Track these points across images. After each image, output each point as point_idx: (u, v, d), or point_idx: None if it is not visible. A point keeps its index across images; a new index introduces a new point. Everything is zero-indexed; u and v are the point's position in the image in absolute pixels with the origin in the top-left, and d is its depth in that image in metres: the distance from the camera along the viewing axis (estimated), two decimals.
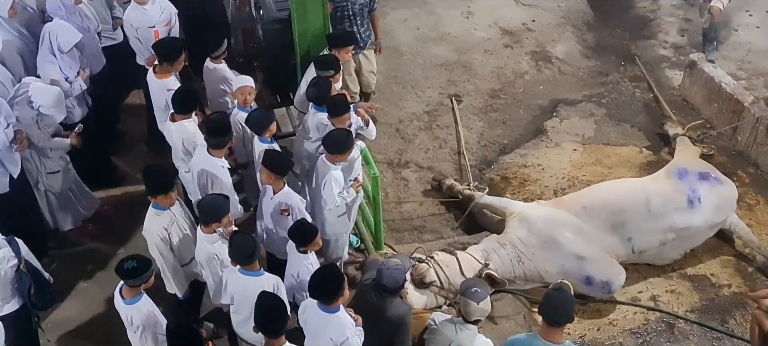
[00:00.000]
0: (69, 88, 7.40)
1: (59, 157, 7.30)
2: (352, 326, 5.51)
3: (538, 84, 10.26)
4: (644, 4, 11.90)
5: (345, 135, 6.51)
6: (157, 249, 6.14)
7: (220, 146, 6.47)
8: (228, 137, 6.56)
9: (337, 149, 6.48)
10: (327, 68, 7.23)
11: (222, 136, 6.47)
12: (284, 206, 6.37)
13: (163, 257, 6.17)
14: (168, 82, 7.17)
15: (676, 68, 10.41)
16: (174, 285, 6.33)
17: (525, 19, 11.37)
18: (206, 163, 6.46)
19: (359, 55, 8.66)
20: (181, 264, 6.32)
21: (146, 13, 7.97)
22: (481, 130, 9.50)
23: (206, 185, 6.46)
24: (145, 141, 8.68)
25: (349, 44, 7.63)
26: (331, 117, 6.85)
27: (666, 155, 8.91)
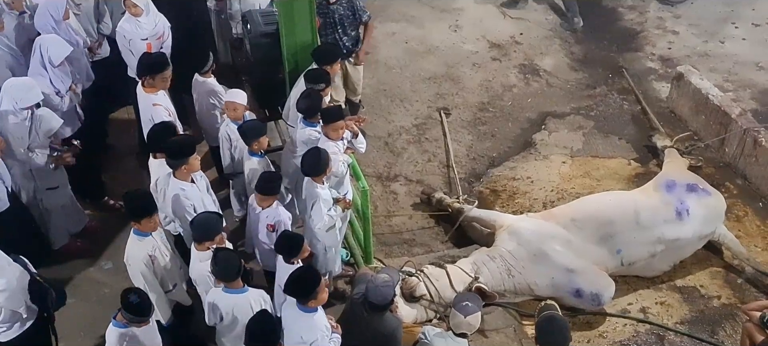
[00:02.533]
0: (59, 102, 7.37)
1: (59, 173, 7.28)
2: (325, 329, 5.54)
3: (527, 97, 10.28)
4: (631, 16, 11.97)
5: (318, 154, 6.43)
6: (142, 276, 5.98)
7: (178, 168, 6.37)
8: (181, 161, 6.35)
9: (315, 171, 6.45)
10: (318, 81, 7.22)
11: (177, 158, 6.36)
12: (271, 222, 6.35)
13: (147, 283, 6.01)
14: (155, 97, 7.14)
15: (664, 80, 10.46)
16: (159, 312, 6.16)
17: (513, 32, 11.41)
18: (173, 186, 6.39)
19: (346, 64, 8.68)
20: (164, 291, 6.18)
21: (140, 25, 7.95)
22: (470, 144, 9.51)
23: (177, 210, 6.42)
24: (136, 154, 8.63)
25: (334, 60, 7.61)
26: (324, 124, 6.85)
27: (654, 167, 8.93)
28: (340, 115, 6.91)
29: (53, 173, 7.24)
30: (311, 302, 5.51)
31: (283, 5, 7.55)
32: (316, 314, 5.53)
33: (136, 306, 5.30)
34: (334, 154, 6.75)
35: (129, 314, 5.32)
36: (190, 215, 6.32)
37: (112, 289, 7.40)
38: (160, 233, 6.18)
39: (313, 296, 5.48)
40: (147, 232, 5.99)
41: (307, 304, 5.49)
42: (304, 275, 5.61)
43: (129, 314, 5.32)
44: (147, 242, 6.00)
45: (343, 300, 7.01)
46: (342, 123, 6.91)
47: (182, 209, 6.38)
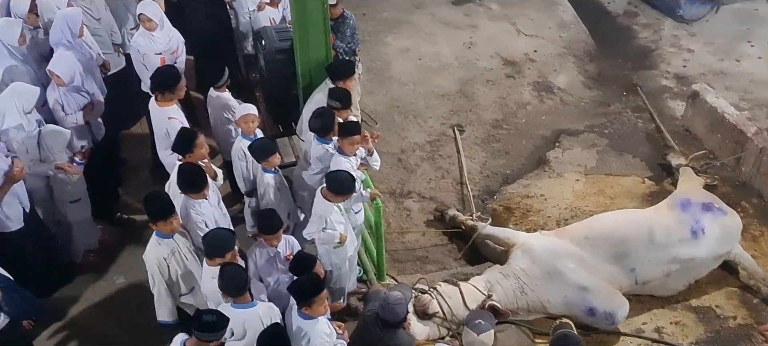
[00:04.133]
0: (63, 118, 7.39)
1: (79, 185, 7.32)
2: (327, 336, 5.59)
3: (541, 114, 10.26)
4: (646, 34, 11.94)
5: (349, 180, 6.46)
6: (151, 275, 6.12)
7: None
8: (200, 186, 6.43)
9: (337, 190, 6.46)
10: (340, 100, 7.20)
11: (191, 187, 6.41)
12: (288, 252, 6.37)
13: (155, 283, 6.15)
14: (169, 110, 7.16)
15: (679, 99, 10.41)
16: (158, 311, 6.28)
17: (527, 49, 11.40)
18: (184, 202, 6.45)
19: None
20: (181, 293, 6.28)
21: (154, 39, 8.02)
22: (484, 161, 9.49)
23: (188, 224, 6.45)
24: (149, 169, 8.65)
25: (349, 75, 7.62)
26: (341, 137, 6.85)
27: (669, 186, 8.88)
28: (358, 130, 6.91)
29: (74, 185, 7.28)
30: (306, 308, 5.55)
31: (297, 21, 7.58)
32: (318, 321, 5.57)
33: (211, 325, 5.30)
34: (348, 171, 6.74)
35: (203, 333, 5.32)
36: (202, 230, 6.34)
37: (123, 303, 7.44)
38: (181, 237, 6.23)
39: (308, 303, 5.52)
40: (168, 234, 6.08)
41: (304, 310, 5.54)
42: (307, 281, 5.69)
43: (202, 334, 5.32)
44: (166, 245, 6.11)
45: (356, 317, 6.98)
46: (358, 138, 6.91)
47: (194, 224, 6.39)
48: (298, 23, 7.59)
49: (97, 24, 8.49)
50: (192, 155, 6.57)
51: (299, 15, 7.52)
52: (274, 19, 9.28)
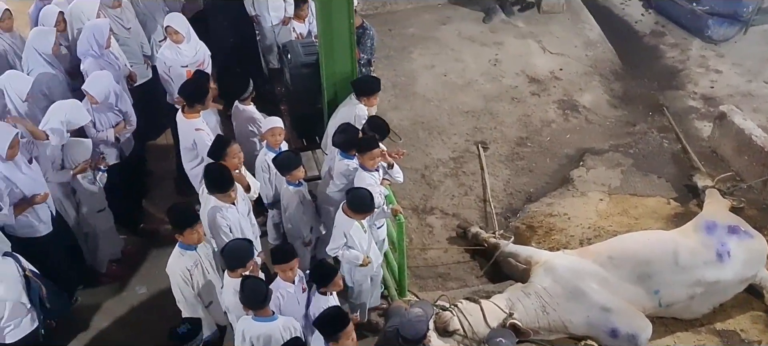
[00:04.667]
0: (95, 135, 7.47)
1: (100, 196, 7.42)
2: None
3: (565, 133, 10.22)
4: (673, 54, 11.86)
5: (368, 198, 6.47)
6: (179, 289, 6.15)
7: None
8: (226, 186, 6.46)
9: (356, 208, 6.49)
10: (378, 132, 7.21)
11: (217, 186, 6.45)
12: (303, 284, 6.33)
13: (184, 297, 6.18)
14: (195, 122, 7.22)
15: (705, 119, 10.33)
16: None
17: (552, 67, 11.37)
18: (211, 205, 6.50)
19: None
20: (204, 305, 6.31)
21: (180, 52, 8.09)
22: (507, 178, 9.46)
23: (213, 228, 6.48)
24: (174, 180, 8.71)
25: (374, 91, 7.64)
26: (360, 154, 6.87)
27: (694, 207, 8.79)
28: (375, 144, 6.92)
29: (99, 195, 7.36)
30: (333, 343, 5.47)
31: (324, 36, 7.61)
32: None
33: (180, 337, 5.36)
34: (371, 186, 6.76)
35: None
36: (226, 235, 6.38)
37: (145, 313, 7.49)
38: (205, 248, 6.27)
39: (335, 338, 5.44)
40: (191, 245, 6.12)
41: (337, 343, 5.45)
42: (334, 314, 5.59)
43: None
44: (189, 256, 6.14)
45: (377, 333, 6.97)
46: (377, 152, 6.92)
47: (218, 228, 6.42)
48: (324, 37, 7.63)
49: (127, 34, 8.61)
50: (224, 163, 6.63)
51: (325, 29, 7.55)
52: (301, 33, 9.33)
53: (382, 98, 10.28)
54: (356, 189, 6.57)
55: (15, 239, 6.58)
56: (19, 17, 8.52)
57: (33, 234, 6.79)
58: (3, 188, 6.44)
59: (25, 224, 6.70)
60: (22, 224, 6.67)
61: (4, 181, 6.47)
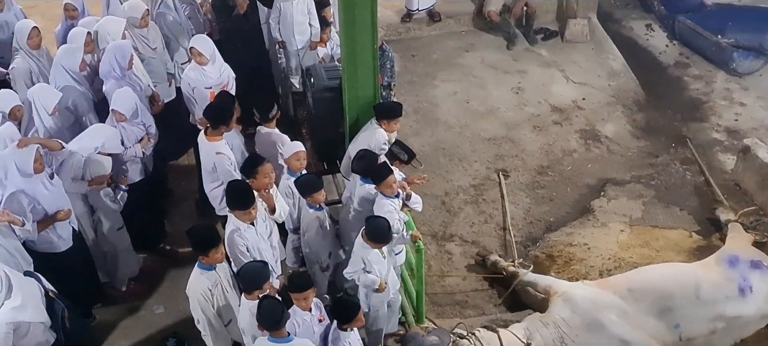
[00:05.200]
0: (124, 152, 7.54)
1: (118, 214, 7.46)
2: None
3: (587, 162, 10.18)
4: (697, 86, 11.80)
5: (386, 229, 6.48)
6: (201, 308, 6.18)
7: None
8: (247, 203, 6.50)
9: (374, 238, 6.49)
10: (404, 152, 7.31)
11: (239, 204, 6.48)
12: (321, 314, 6.33)
13: (206, 317, 6.21)
14: (217, 145, 7.25)
15: (729, 152, 10.25)
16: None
17: (575, 96, 11.34)
18: (230, 224, 6.54)
19: None
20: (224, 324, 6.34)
21: (205, 73, 8.14)
22: (528, 207, 9.43)
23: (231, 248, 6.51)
24: (195, 201, 8.75)
25: (396, 116, 7.66)
26: (376, 184, 6.87)
27: (717, 241, 8.71)
28: (389, 172, 6.91)
29: (116, 214, 7.42)
30: None
31: (347, 59, 7.64)
32: None
33: None
34: (390, 213, 6.76)
35: None
36: (244, 255, 6.39)
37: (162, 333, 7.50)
38: (224, 269, 6.29)
39: None
40: (211, 266, 6.15)
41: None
42: (346, 303, 5.82)
43: None
44: (209, 276, 6.16)
45: None
46: (393, 178, 6.92)
47: (236, 247, 6.44)
48: (348, 61, 7.66)
49: (152, 54, 8.69)
50: (255, 181, 6.68)
51: (349, 53, 7.58)
52: (323, 57, 9.39)
53: (404, 123, 10.28)
54: (375, 218, 6.57)
55: (34, 254, 6.63)
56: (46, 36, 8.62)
57: (52, 249, 6.84)
58: (26, 204, 6.50)
59: (45, 239, 6.75)
60: (43, 239, 6.72)
61: (27, 197, 6.54)
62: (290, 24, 9.33)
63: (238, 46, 9.20)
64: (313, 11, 9.36)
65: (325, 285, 7.32)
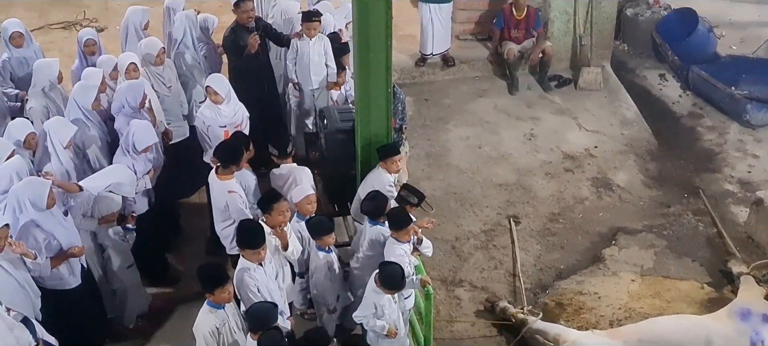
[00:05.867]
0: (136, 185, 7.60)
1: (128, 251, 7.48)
2: None
3: (598, 211, 10.15)
4: (711, 137, 11.78)
5: (399, 276, 6.47)
6: None
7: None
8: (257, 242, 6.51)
9: (387, 284, 6.49)
10: (414, 193, 7.35)
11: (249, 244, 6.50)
12: None
13: None
14: (229, 184, 7.29)
15: (742, 204, 10.20)
16: None
17: (588, 144, 11.34)
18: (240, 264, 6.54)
19: None
20: None
21: (220, 112, 8.22)
22: (538, 254, 9.39)
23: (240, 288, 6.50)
24: (205, 240, 8.76)
25: (392, 155, 7.70)
26: (393, 230, 6.88)
27: (729, 294, 8.62)
28: (409, 220, 6.93)
29: (126, 252, 7.44)
30: None
31: (361, 102, 7.69)
32: None
33: None
34: (401, 257, 6.76)
35: None
36: (254, 295, 6.38)
37: None
38: (232, 309, 6.27)
39: None
40: (220, 304, 6.12)
41: None
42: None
43: None
44: (217, 315, 6.13)
45: None
46: (411, 227, 6.93)
47: (246, 288, 6.43)
48: (361, 104, 7.70)
49: (167, 92, 8.79)
50: (270, 217, 6.73)
51: (362, 96, 7.63)
52: (337, 100, 9.45)
53: (416, 167, 10.36)
54: (389, 264, 6.55)
55: (42, 290, 6.63)
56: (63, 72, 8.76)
57: (62, 286, 6.84)
58: (41, 239, 6.54)
59: (56, 276, 6.76)
60: (53, 275, 6.73)
61: (43, 232, 6.56)
62: (307, 64, 9.41)
63: (249, 85, 9.28)
64: (330, 52, 9.45)
65: (332, 327, 7.30)
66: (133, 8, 9.60)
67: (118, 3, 14.34)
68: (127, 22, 9.44)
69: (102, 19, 13.95)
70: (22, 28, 9.20)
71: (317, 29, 9.33)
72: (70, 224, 6.83)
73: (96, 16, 14.05)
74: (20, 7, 14.36)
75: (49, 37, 13.28)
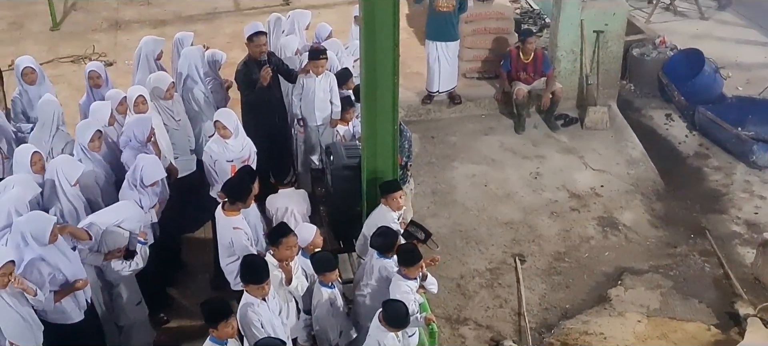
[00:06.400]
0: None
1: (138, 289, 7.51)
2: None
3: (604, 250, 10.11)
4: (717, 177, 11.77)
5: (404, 314, 6.45)
6: None
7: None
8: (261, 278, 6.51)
9: (391, 323, 6.44)
10: (421, 229, 7.38)
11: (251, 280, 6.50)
12: None
13: None
14: (234, 220, 7.28)
15: (749, 246, 10.16)
16: None
17: (594, 183, 11.34)
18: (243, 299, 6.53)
19: None
20: None
21: (227, 147, 8.25)
22: (544, 293, 9.35)
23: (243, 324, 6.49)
24: (209, 275, 8.75)
25: (392, 191, 7.70)
26: (405, 267, 6.87)
27: (736, 336, 8.57)
28: (420, 257, 6.93)
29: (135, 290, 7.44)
30: None
31: (367, 139, 7.70)
32: None
33: None
34: (407, 294, 6.74)
35: None
36: (258, 330, 6.36)
37: None
38: (236, 344, 6.25)
39: None
40: (223, 339, 6.10)
41: None
42: None
43: None
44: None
45: None
46: (421, 263, 6.94)
47: (249, 323, 6.41)
48: (368, 141, 7.72)
49: (176, 126, 8.84)
50: (277, 250, 6.75)
51: (369, 133, 7.65)
52: (344, 135, 9.48)
53: (422, 204, 10.35)
54: (393, 302, 6.53)
55: (45, 324, 6.61)
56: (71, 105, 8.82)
57: (64, 320, 6.81)
58: (46, 273, 6.54)
59: (59, 310, 6.74)
60: (56, 309, 6.72)
61: (48, 266, 6.57)
62: (312, 100, 9.46)
63: (261, 118, 9.33)
64: (336, 89, 9.50)
65: None
66: (148, 38, 9.73)
67: (127, 38, 14.52)
68: (141, 51, 9.57)
69: (111, 54, 14.08)
70: (35, 65, 9.28)
71: (324, 67, 9.40)
72: (74, 256, 6.83)
73: (105, 51, 14.19)
74: (30, 40, 14.54)
75: (59, 70, 13.39)
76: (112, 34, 14.94)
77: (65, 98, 11.40)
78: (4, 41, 14.04)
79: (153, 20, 15.52)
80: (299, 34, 10.53)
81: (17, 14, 15.83)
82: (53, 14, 15.14)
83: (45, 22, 15.28)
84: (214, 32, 14.80)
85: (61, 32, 15.02)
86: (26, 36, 14.75)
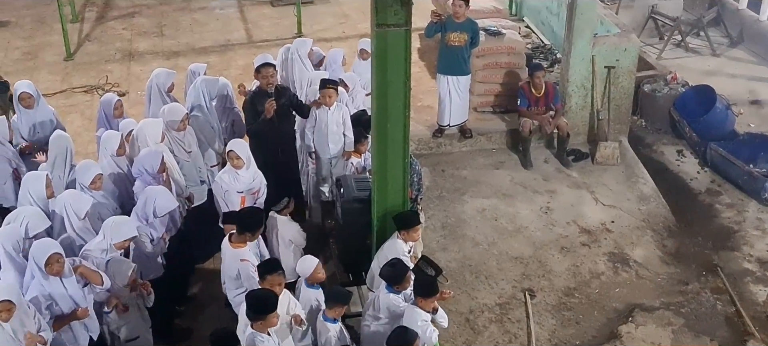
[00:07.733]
0: (151, 249, 7.61)
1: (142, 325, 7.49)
2: None
3: (615, 286, 10.04)
4: (729, 214, 11.70)
5: (411, 340, 6.43)
6: None
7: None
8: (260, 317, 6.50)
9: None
10: (432, 265, 7.41)
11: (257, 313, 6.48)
12: None
13: None
14: (242, 252, 7.30)
15: (761, 283, 10.08)
16: None
17: (604, 219, 11.28)
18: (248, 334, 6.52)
19: None
20: None
21: (238, 177, 8.28)
22: (553, 329, 9.28)
23: None
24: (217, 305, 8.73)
25: (414, 225, 7.69)
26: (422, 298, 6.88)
27: None
28: (437, 289, 6.93)
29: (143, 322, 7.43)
30: None
31: (378, 172, 7.72)
32: None
33: None
34: (425, 323, 6.77)
35: None
36: None
37: None
38: None
39: None
40: None
41: None
42: None
43: None
44: None
45: None
46: (436, 298, 6.94)
47: None
48: (378, 174, 7.73)
49: (187, 157, 8.87)
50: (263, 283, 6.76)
51: (380, 166, 7.66)
52: (357, 167, 9.50)
53: (432, 238, 10.33)
54: (402, 330, 6.51)
55: None
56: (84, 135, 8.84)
57: None
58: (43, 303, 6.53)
59: (58, 342, 6.74)
60: (55, 341, 6.70)
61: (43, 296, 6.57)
62: (325, 133, 9.50)
63: (263, 149, 9.35)
64: (349, 121, 9.54)
65: None
66: (159, 70, 9.79)
67: (141, 69, 14.61)
68: (152, 83, 9.62)
69: (124, 84, 14.17)
70: (33, 90, 9.24)
71: (333, 97, 9.43)
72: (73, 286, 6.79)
73: (118, 81, 14.28)
74: (44, 70, 14.66)
75: (71, 100, 13.48)
76: (125, 65, 15.04)
77: (78, 128, 11.46)
78: (19, 71, 14.14)
79: (166, 52, 15.63)
80: (301, 62, 10.51)
81: (32, 45, 15.98)
82: (67, 45, 15.25)
83: (59, 53, 15.41)
84: (226, 64, 14.90)
85: (74, 62, 15.14)
86: (40, 66, 14.87)
